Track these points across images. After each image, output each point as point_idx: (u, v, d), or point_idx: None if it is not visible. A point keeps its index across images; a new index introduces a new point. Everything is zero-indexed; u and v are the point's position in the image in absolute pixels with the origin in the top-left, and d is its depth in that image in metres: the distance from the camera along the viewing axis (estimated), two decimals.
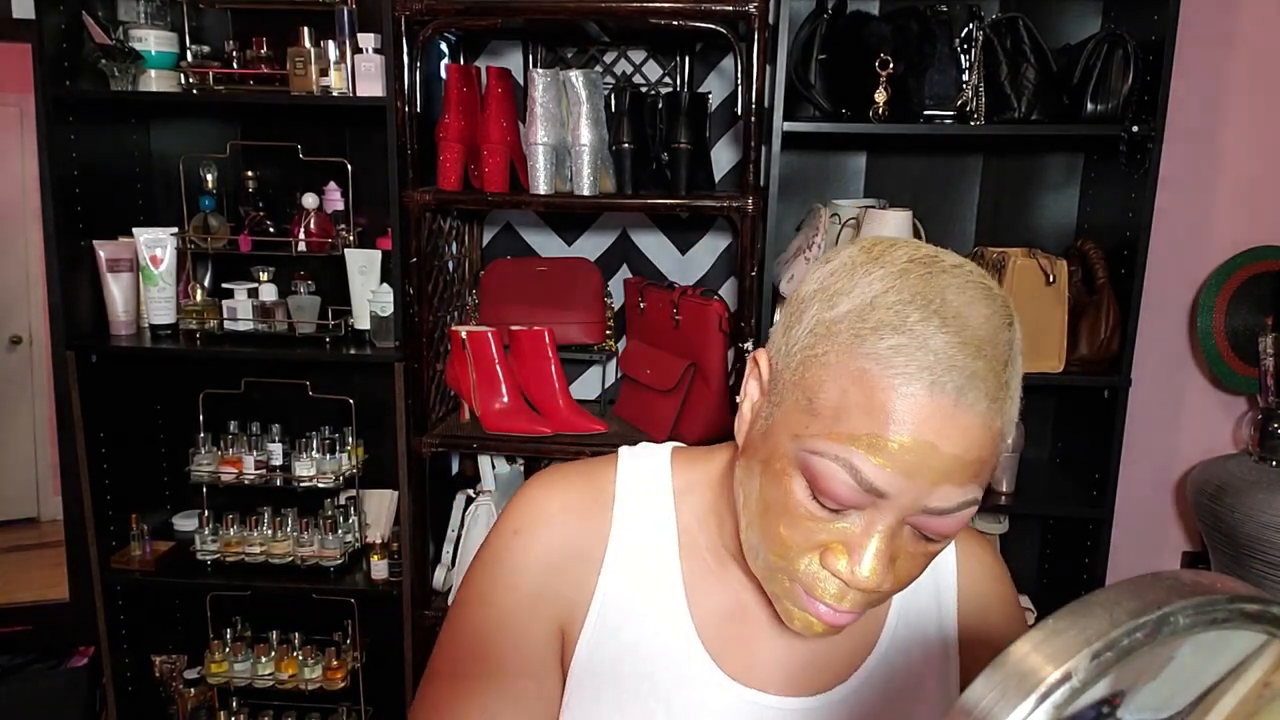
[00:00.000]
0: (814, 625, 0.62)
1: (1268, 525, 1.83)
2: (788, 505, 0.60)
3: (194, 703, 2.22)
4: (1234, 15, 2.04)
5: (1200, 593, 0.35)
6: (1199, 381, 2.21)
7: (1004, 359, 0.56)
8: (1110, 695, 0.35)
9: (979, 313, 0.56)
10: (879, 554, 0.58)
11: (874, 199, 2.08)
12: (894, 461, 0.55)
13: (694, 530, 0.74)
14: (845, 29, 1.85)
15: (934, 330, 0.55)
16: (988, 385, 0.55)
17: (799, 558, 0.61)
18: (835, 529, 0.59)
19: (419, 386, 1.94)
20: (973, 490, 0.57)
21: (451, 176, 1.87)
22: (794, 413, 0.59)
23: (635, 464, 0.76)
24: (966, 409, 0.54)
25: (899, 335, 0.55)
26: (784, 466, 0.60)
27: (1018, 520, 2.20)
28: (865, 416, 0.55)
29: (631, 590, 0.72)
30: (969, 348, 0.55)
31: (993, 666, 0.35)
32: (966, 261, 0.60)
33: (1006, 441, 0.59)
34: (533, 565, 0.72)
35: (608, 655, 0.71)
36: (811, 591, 0.61)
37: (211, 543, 2.09)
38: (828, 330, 0.58)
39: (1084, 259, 1.92)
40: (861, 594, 0.60)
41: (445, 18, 1.76)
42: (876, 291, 0.57)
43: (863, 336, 0.56)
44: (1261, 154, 2.09)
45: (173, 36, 1.96)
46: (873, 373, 0.55)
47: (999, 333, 0.57)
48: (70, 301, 1.97)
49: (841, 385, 0.56)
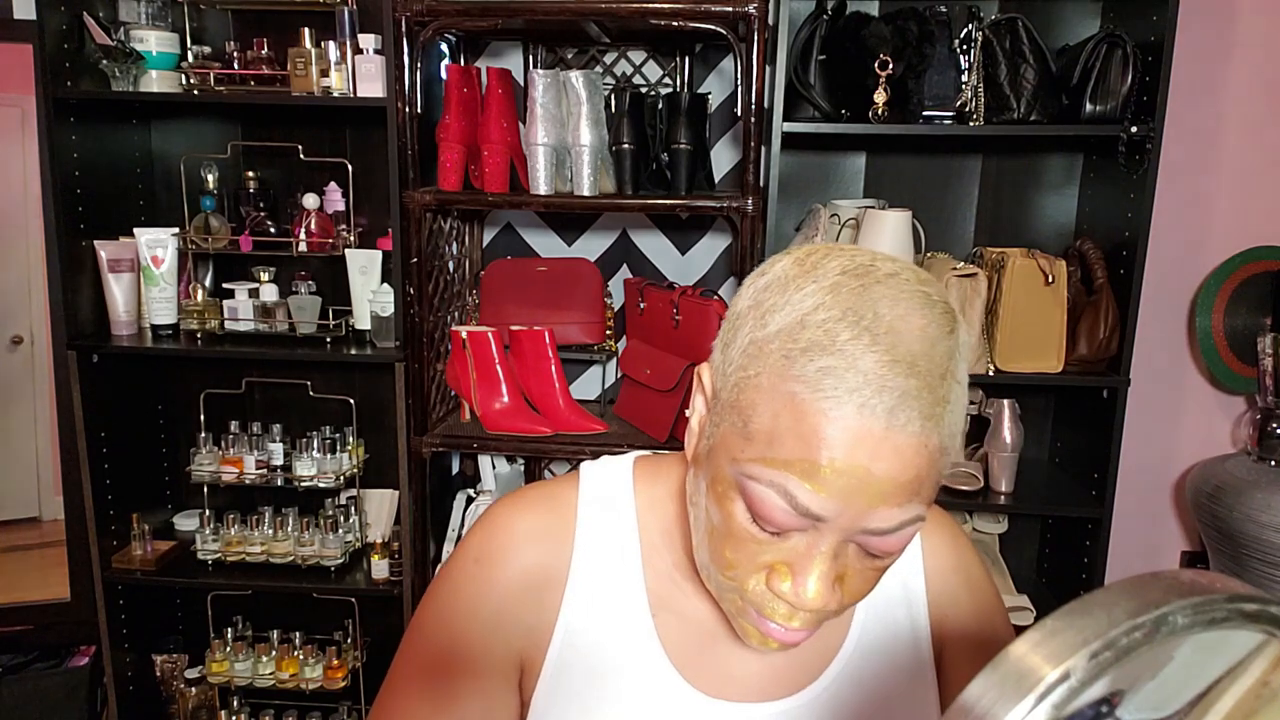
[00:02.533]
0: (769, 643, 0.62)
1: (1266, 525, 1.83)
2: (730, 528, 0.59)
3: (195, 702, 2.22)
4: (1233, 15, 2.05)
5: (1198, 592, 0.36)
6: (1198, 381, 2.21)
7: (941, 371, 0.55)
8: (1109, 695, 0.36)
9: (914, 325, 0.55)
10: (822, 576, 0.57)
11: (873, 199, 2.08)
12: (828, 487, 0.54)
13: (658, 546, 0.73)
14: (845, 29, 1.85)
15: (863, 349, 0.53)
16: (921, 403, 0.53)
17: (746, 579, 0.60)
18: (779, 550, 0.58)
19: (419, 386, 1.94)
20: (913, 508, 0.56)
21: (452, 177, 1.88)
22: (731, 435, 0.59)
23: (597, 481, 0.76)
24: (899, 430, 0.53)
25: (828, 356, 0.54)
26: (724, 489, 0.59)
27: (1017, 520, 2.20)
28: (797, 441, 0.54)
29: (596, 613, 0.71)
30: (900, 365, 0.53)
31: (991, 666, 0.36)
32: (905, 268, 0.58)
33: (947, 456, 0.57)
34: (492, 595, 0.71)
35: (574, 679, 0.71)
36: (761, 611, 0.61)
37: (212, 542, 2.09)
38: (759, 350, 0.57)
39: (1083, 259, 1.93)
40: (810, 614, 0.60)
41: (445, 18, 1.76)
42: (807, 309, 0.56)
43: (793, 358, 0.55)
44: (1260, 154, 2.10)
45: (174, 37, 1.97)
46: (802, 396, 0.54)
47: (936, 344, 0.55)
48: (71, 301, 1.97)
49: (774, 409, 0.56)
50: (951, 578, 0.77)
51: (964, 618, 0.76)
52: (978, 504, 2.00)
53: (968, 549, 0.80)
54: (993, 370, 1.88)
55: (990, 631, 0.77)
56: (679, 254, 2.20)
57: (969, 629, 0.76)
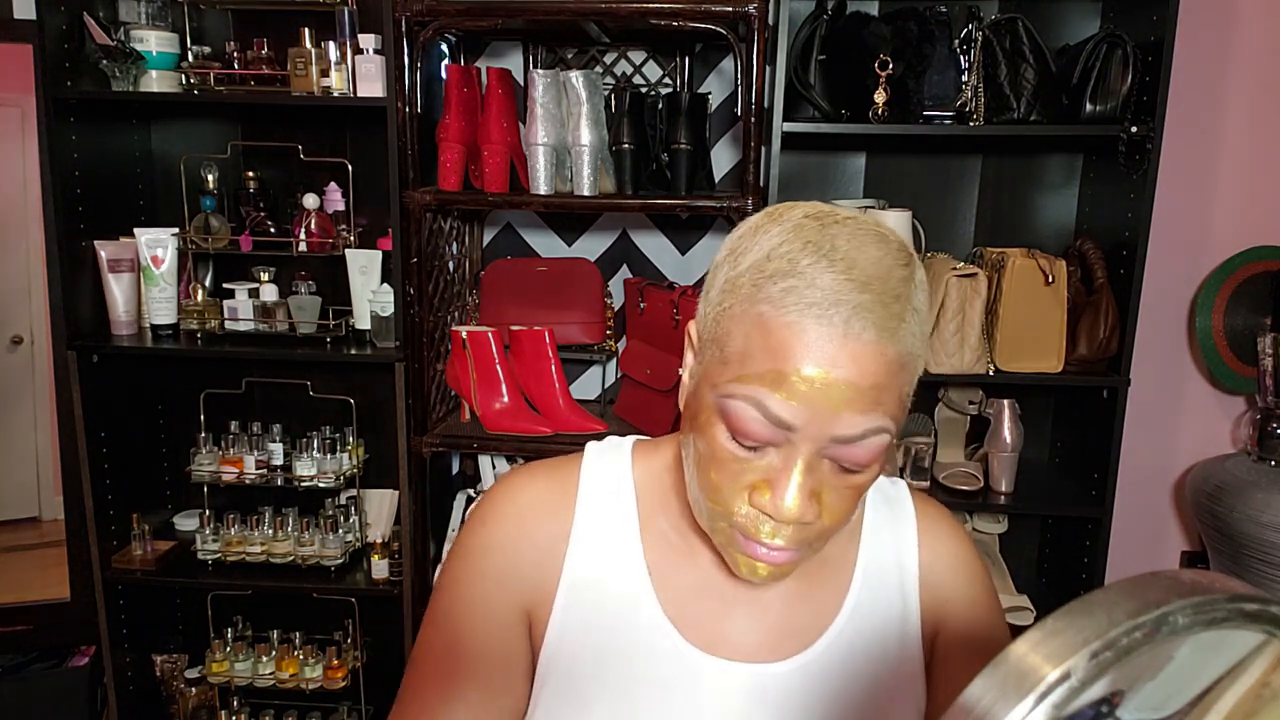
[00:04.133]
0: (758, 569, 0.66)
1: (1266, 525, 1.83)
2: (714, 451, 0.64)
3: (195, 702, 2.22)
4: (1233, 15, 2.05)
5: (1199, 592, 0.35)
6: (1198, 381, 2.21)
7: (895, 293, 0.60)
8: (1109, 695, 0.36)
9: (869, 254, 0.61)
10: (800, 486, 0.62)
11: (873, 199, 2.08)
12: (795, 394, 0.59)
13: (655, 513, 0.78)
14: (845, 30, 1.85)
15: (821, 270, 0.60)
16: (875, 315, 0.59)
17: (732, 501, 0.65)
18: (758, 467, 0.63)
19: (419, 386, 1.94)
20: (877, 418, 0.61)
21: (452, 177, 1.88)
22: (712, 366, 0.65)
23: (600, 458, 0.81)
24: (854, 338, 0.59)
25: (790, 279, 0.60)
26: (708, 417, 0.65)
27: (1017, 520, 2.20)
28: (765, 355, 0.60)
29: (597, 575, 0.76)
30: (854, 283, 0.59)
31: (992, 666, 0.35)
32: (862, 216, 0.65)
33: (907, 373, 0.62)
34: (496, 553, 0.76)
35: (577, 639, 0.74)
36: (747, 533, 0.65)
37: (212, 542, 2.09)
38: (732, 286, 0.64)
39: (1083, 259, 1.93)
40: (792, 528, 0.64)
41: (446, 18, 1.76)
42: (773, 245, 0.63)
43: (759, 285, 0.61)
44: (1260, 154, 2.10)
45: (174, 37, 1.96)
46: (768, 315, 0.60)
47: (890, 271, 0.61)
48: (71, 301, 1.97)
49: (745, 331, 0.62)
50: (945, 564, 0.80)
51: (955, 604, 0.79)
52: (978, 504, 2.00)
53: (964, 541, 0.82)
54: (993, 370, 1.88)
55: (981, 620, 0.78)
56: (679, 254, 2.20)
57: (960, 615, 0.78)
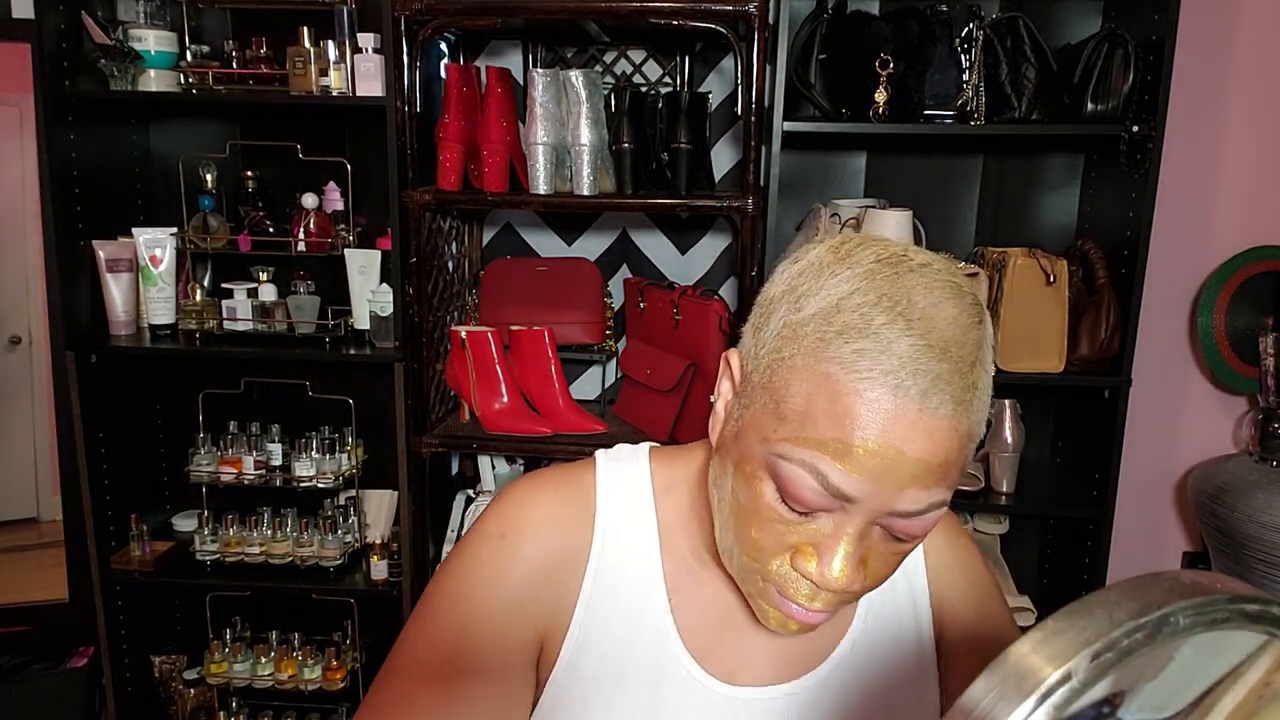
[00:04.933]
0: (789, 625, 0.64)
1: (1268, 525, 1.83)
2: (758, 508, 0.60)
3: (193, 703, 2.22)
4: (1234, 15, 2.04)
5: (1200, 593, 0.35)
6: (1199, 381, 2.21)
7: (971, 359, 0.56)
8: (1110, 695, 0.35)
9: (946, 313, 0.56)
10: (848, 556, 0.58)
11: (874, 199, 2.08)
12: (860, 467, 0.55)
13: (675, 532, 0.74)
14: (845, 29, 1.85)
15: (899, 333, 0.55)
16: (953, 388, 0.55)
17: (771, 559, 0.61)
18: (805, 530, 0.59)
19: (419, 386, 1.94)
20: (940, 492, 0.57)
21: (451, 176, 1.87)
22: (762, 416, 0.60)
23: (615, 467, 0.76)
24: (931, 413, 0.54)
25: (864, 339, 0.55)
26: (754, 470, 0.60)
27: (1018, 520, 2.20)
28: (831, 422, 0.55)
29: (615, 596, 0.72)
30: (934, 350, 0.55)
31: (992, 667, 0.35)
32: (935, 259, 0.60)
33: (974, 443, 0.58)
34: (517, 571, 0.71)
35: (592, 660, 0.71)
36: (784, 592, 0.62)
37: (211, 543, 2.09)
38: (794, 333, 0.58)
39: (1084, 259, 1.92)
40: (833, 595, 0.61)
41: (445, 17, 1.76)
42: (843, 293, 0.57)
43: (828, 340, 0.56)
44: (1261, 154, 2.09)
45: (172, 36, 1.96)
46: (837, 377, 0.55)
47: (967, 332, 0.57)
48: (70, 302, 1.96)
49: (807, 389, 0.57)
50: (952, 568, 0.79)
51: (963, 608, 0.78)
52: (979, 504, 1.99)
53: (967, 542, 0.82)
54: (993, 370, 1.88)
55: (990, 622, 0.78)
56: (679, 254, 2.20)
57: (968, 619, 0.77)
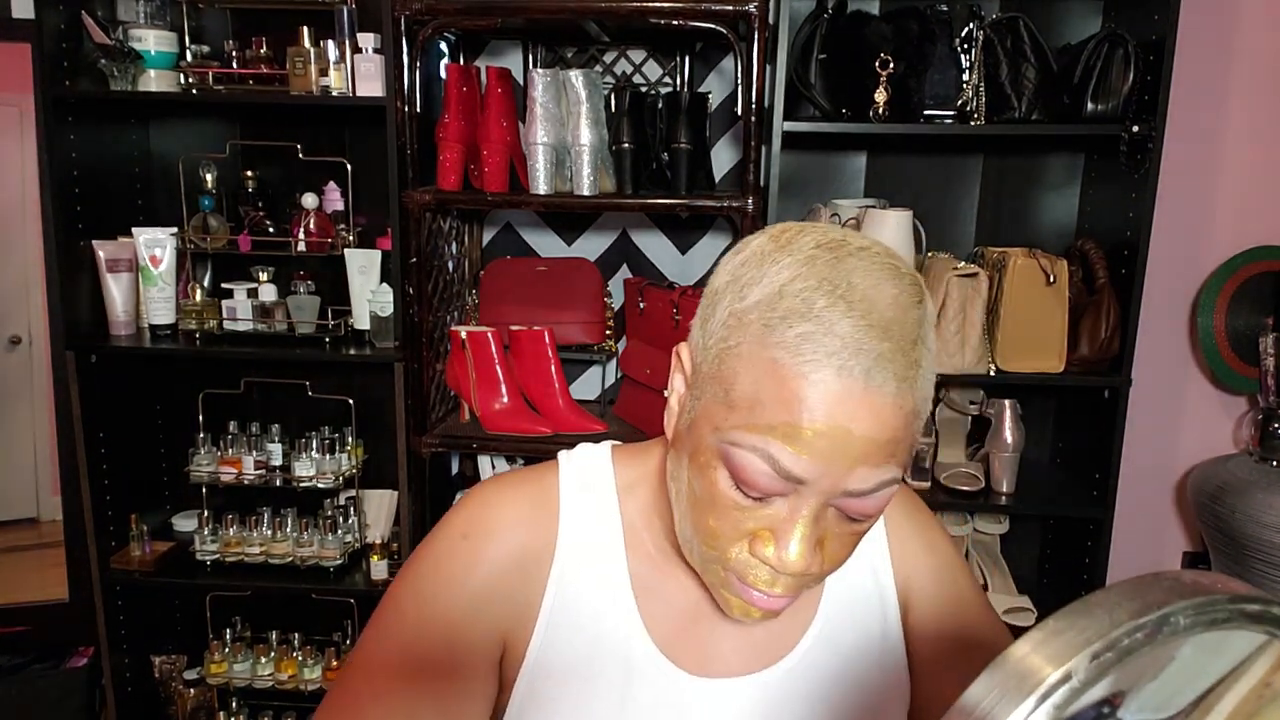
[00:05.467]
0: (751, 612, 0.64)
1: (1268, 525, 1.82)
2: (714, 496, 0.61)
3: (193, 703, 2.22)
4: (1234, 15, 2.04)
5: (1200, 593, 0.35)
6: (1199, 381, 2.21)
7: (912, 337, 0.58)
8: (1110, 695, 0.35)
9: (886, 294, 0.58)
10: (805, 539, 0.59)
11: (874, 199, 2.08)
12: (809, 449, 0.56)
13: (639, 528, 0.75)
14: (845, 29, 1.85)
15: (840, 315, 0.56)
16: (896, 365, 0.56)
17: (729, 547, 0.62)
18: (761, 516, 0.60)
19: (419, 386, 1.94)
20: (890, 470, 0.58)
21: (451, 176, 1.87)
22: (713, 405, 0.61)
23: (577, 467, 0.77)
24: (876, 390, 0.56)
25: (806, 323, 0.56)
26: (708, 459, 0.61)
27: (1018, 520, 2.20)
28: (779, 406, 0.57)
29: (580, 593, 0.73)
30: (875, 330, 0.56)
31: (992, 667, 0.35)
32: (875, 243, 0.61)
33: (920, 420, 0.60)
34: (479, 572, 0.71)
35: (559, 658, 0.72)
36: (744, 579, 0.63)
37: (211, 543, 2.09)
38: (739, 321, 0.59)
39: (1084, 259, 1.92)
40: (792, 578, 0.62)
41: (445, 17, 1.76)
42: (784, 280, 0.58)
43: (772, 326, 0.57)
44: (1261, 154, 2.09)
45: (172, 36, 1.96)
46: (783, 362, 0.56)
47: (907, 312, 0.58)
48: (70, 302, 1.96)
49: (755, 376, 0.58)
50: (912, 541, 0.80)
51: (926, 579, 0.79)
52: (979, 504, 1.99)
53: (925, 514, 0.83)
54: (994, 370, 1.88)
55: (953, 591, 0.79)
56: (679, 254, 2.20)
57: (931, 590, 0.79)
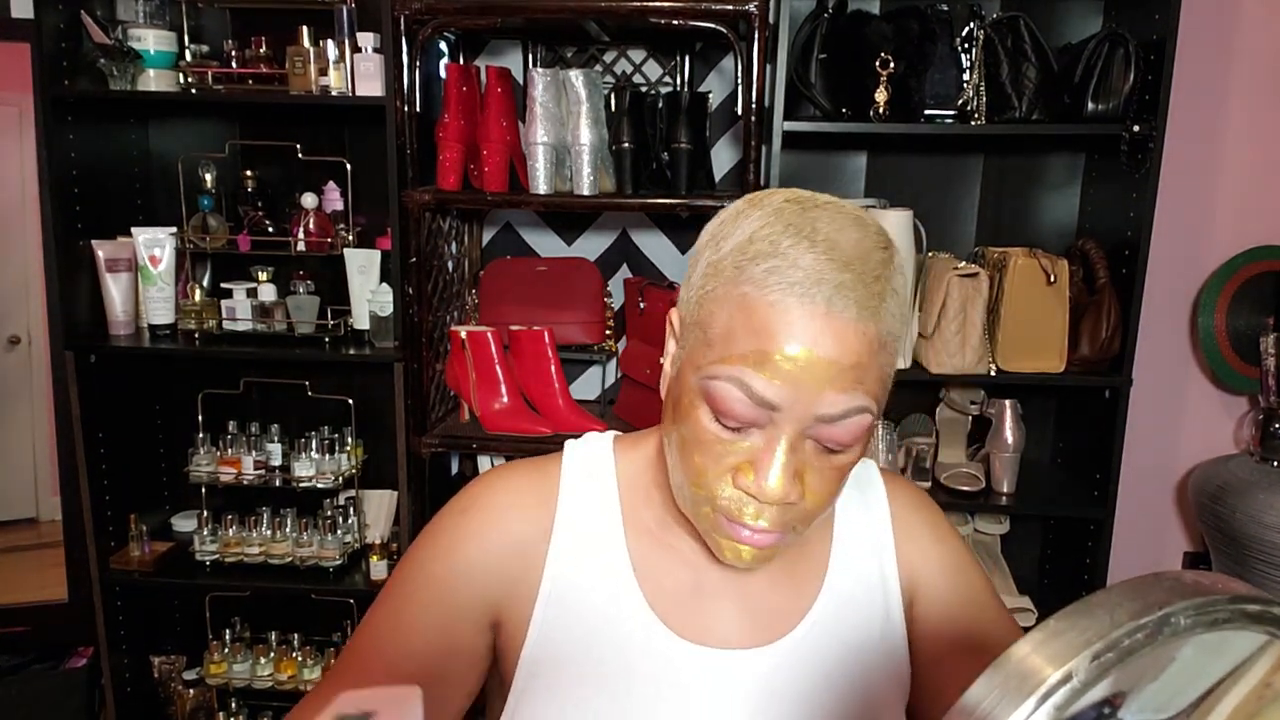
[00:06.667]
0: (742, 552, 0.67)
1: (1269, 526, 1.82)
2: (698, 434, 0.65)
3: (193, 703, 2.22)
4: (1234, 15, 2.04)
5: (1201, 593, 0.35)
6: (1200, 381, 2.20)
7: (875, 273, 0.62)
8: (1111, 696, 0.35)
9: (849, 237, 0.63)
10: (783, 466, 0.63)
11: (874, 199, 2.07)
12: (779, 373, 0.61)
13: (638, 506, 0.78)
14: (845, 28, 1.85)
15: (803, 251, 0.61)
16: (856, 294, 0.60)
17: (715, 483, 0.65)
18: (742, 449, 0.64)
19: (419, 386, 1.94)
20: (859, 397, 0.62)
21: (451, 176, 1.87)
22: (695, 349, 0.66)
23: (580, 453, 0.81)
24: (837, 316, 0.60)
25: (773, 259, 0.62)
26: (691, 400, 0.66)
27: (1018, 520, 2.20)
28: (749, 336, 0.61)
29: (581, 572, 0.76)
30: (836, 263, 0.61)
31: (993, 667, 0.35)
32: (842, 201, 0.67)
33: (887, 353, 0.63)
34: (472, 543, 0.76)
35: (562, 635, 0.74)
36: (731, 516, 0.66)
37: (210, 543, 2.09)
38: (715, 269, 0.65)
39: (1085, 259, 1.92)
40: (776, 509, 0.64)
41: (445, 17, 1.76)
42: (755, 228, 0.64)
43: (742, 267, 0.63)
44: (1262, 154, 2.09)
45: (171, 36, 1.96)
46: (751, 295, 0.62)
47: (870, 253, 0.62)
48: (69, 301, 1.96)
49: (728, 312, 0.63)
50: (920, 537, 0.82)
51: (934, 573, 0.81)
52: (979, 504, 1.99)
53: (934, 511, 0.85)
54: (994, 370, 1.88)
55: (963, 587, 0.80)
56: (679, 254, 2.20)
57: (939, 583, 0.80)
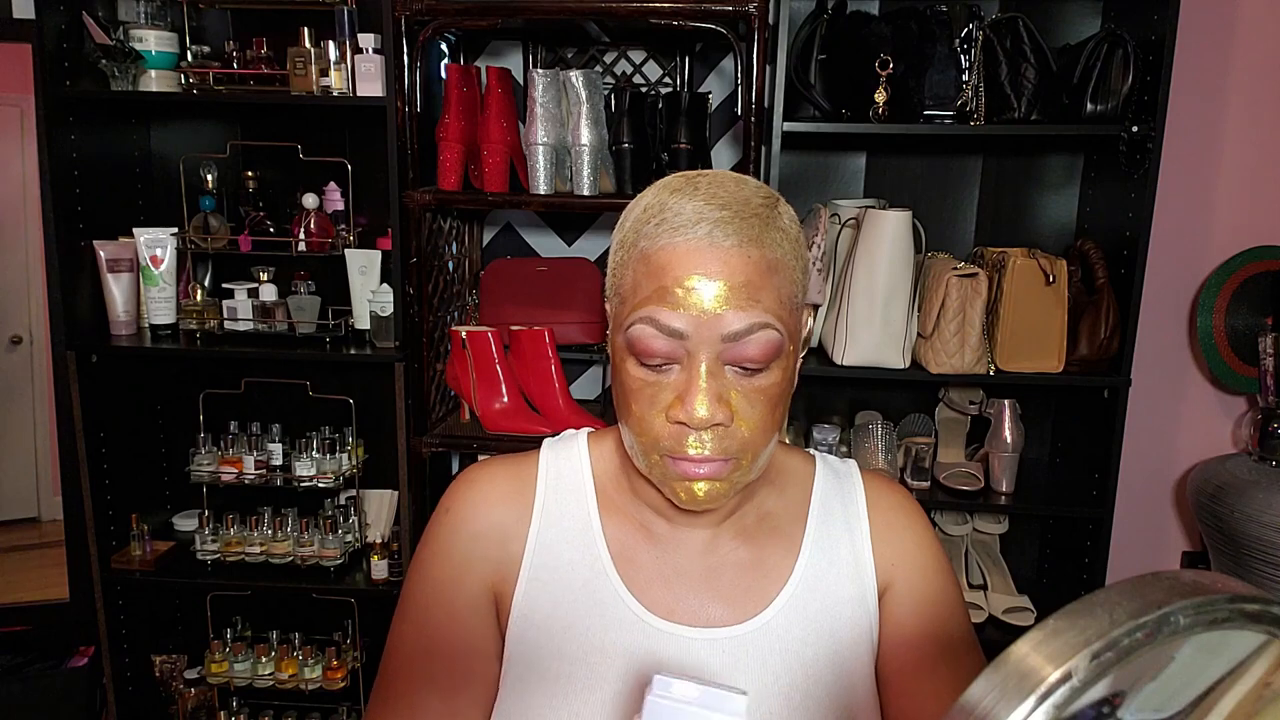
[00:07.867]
0: (695, 490, 0.71)
1: (1267, 525, 1.83)
2: (629, 384, 0.72)
3: (194, 703, 2.22)
4: (1234, 15, 2.04)
5: (1200, 592, 0.35)
6: (1199, 381, 2.21)
7: (753, 212, 0.69)
8: (1110, 695, 0.35)
9: (728, 188, 0.71)
10: (706, 391, 0.68)
11: (874, 199, 2.08)
12: (679, 303, 0.68)
13: (610, 490, 0.84)
14: (845, 29, 1.85)
15: (685, 200, 0.70)
16: (735, 225, 0.68)
17: (654, 424, 0.71)
18: (668, 385, 0.70)
19: (419, 386, 1.94)
20: (758, 314, 0.68)
21: (451, 176, 1.87)
22: (617, 313, 0.74)
23: (556, 446, 0.88)
24: (718, 245, 0.68)
25: (661, 214, 0.70)
26: (620, 356, 0.73)
27: (1018, 520, 2.20)
28: (650, 280, 0.69)
29: (559, 553, 0.81)
30: (714, 205, 0.69)
31: (993, 666, 0.35)
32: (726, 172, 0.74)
33: (779, 275, 0.70)
34: (460, 539, 0.82)
35: (541, 615, 0.79)
36: (674, 453, 0.71)
37: (211, 543, 2.09)
38: (620, 244, 0.74)
39: (1084, 259, 1.92)
40: (711, 435, 0.69)
41: (445, 18, 1.76)
42: (648, 201, 0.73)
43: (639, 231, 0.72)
44: (1262, 153, 2.09)
45: (173, 36, 1.96)
46: (647, 248, 0.70)
47: (749, 200, 0.70)
48: (70, 301, 1.96)
49: (633, 270, 0.72)
50: (899, 533, 0.85)
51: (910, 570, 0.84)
52: (978, 504, 2.00)
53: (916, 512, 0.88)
54: (993, 370, 1.88)
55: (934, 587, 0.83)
56: None
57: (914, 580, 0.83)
